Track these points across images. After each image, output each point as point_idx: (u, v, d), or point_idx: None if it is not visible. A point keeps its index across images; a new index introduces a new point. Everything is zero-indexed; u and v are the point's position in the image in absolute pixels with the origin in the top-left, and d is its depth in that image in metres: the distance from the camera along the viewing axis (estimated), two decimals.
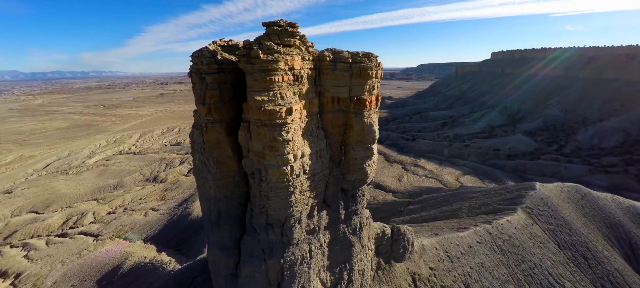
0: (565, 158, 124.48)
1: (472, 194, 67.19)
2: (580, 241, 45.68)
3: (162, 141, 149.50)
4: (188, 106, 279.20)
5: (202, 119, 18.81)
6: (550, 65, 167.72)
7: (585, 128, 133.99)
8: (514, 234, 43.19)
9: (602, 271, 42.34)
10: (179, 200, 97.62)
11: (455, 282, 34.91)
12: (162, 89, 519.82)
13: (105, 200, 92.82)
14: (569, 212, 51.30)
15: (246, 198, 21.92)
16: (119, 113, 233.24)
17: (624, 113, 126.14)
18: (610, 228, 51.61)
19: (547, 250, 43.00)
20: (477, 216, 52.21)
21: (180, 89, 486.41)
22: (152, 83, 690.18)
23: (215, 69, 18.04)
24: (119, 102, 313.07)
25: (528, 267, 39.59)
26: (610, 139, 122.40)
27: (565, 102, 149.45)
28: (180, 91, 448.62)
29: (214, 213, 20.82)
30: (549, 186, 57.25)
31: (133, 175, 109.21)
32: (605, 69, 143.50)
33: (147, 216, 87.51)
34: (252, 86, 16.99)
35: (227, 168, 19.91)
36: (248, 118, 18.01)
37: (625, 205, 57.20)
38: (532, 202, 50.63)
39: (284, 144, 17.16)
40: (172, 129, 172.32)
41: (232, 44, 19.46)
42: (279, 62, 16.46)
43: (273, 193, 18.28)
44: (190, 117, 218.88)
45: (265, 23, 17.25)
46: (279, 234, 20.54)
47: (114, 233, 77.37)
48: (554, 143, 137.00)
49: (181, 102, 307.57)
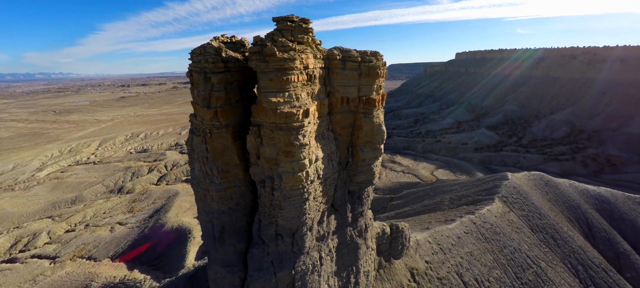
0: (524, 149, 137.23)
1: (451, 187, 70.86)
2: (549, 224, 50.21)
3: (126, 149, 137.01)
4: (154, 110, 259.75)
5: (205, 124, 16.88)
6: (507, 64, 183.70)
7: (538, 121, 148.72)
8: (494, 222, 46.16)
9: (568, 249, 46.94)
10: (149, 211, 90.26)
11: (449, 273, 36.34)
12: (123, 91, 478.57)
13: (61, 216, 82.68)
14: (537, 198, 56.21)
15: (252, 209, 20.35)
16: (73, 119, 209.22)
17: (570, 107, 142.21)
18: (570, 210, 57.47)
19: (523, 234, 46.61)
20: (459, 207, 55.05)
21: (144, 92, 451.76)
22: (111, 86, 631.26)
23: (221, 67, 16.31)
24: (73, 108, 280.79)
25: (509, 251, 42.54)
26: (559, 130, 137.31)
27: (521, 98, 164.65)
28: (144, 94, 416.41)
29: (218, 228, 18.93)
30: (518, 176, 62.25)
31: (94, 187, 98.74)
32: (553, 68, 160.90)
33: (113, 232, 79.70)
34: (266, 87, 15.61)
35: (232, 177, 18.22)
36: (259, 122, 16.57)
37: (580, 188, 64.12)
38: (507, 191, 54.62)
39: (301, 148, 16.08)
40: (137, 135, 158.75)
41: (236, 41, 17.82)
42: (295, 61, 15.34)
43: (287, 202, 17.09)
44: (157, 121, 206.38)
45: (276, 18, 15.96)
46: (289, 244, 19.39)
47: (75, 253, 69.24)
48: (513, 135, 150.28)
49: (146, 106, 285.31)
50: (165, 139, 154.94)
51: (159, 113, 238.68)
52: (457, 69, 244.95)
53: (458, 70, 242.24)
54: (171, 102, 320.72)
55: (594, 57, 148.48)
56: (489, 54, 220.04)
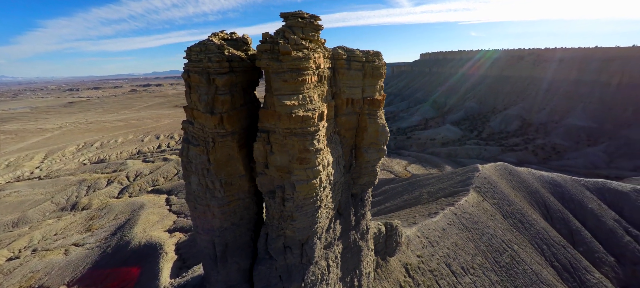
0: (484, 142, 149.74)
1: (427, 181, 74.39)
2: (516, 209, 55.00)
3: (79, 160, 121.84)
4: (110, 115, 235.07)
5: (207, 132, 14.99)
6: (470, 64, 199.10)
7: (494, 116, 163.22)
8: (472, 212, 49.29)
9: (534, 231, 51.85)
10: (111, 228, 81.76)
11: (439, 264, 37.88)
12: (72, 96, 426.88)
13: (1, 242, 71.09)
14: (504, 187, 61.30)
15: (256, 222, 18.80)
16: (10, 129, 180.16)
17: (520, 102, 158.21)
18: (531, 196, 63.59)
19: (497, 221, 50.46)
20: (438, 200, 57.92)
21: (96, 96, 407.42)
22: (56, 90, 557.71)
23: (226, 67, 14.62)
24: (10, 115, 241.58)
25: (487, 238, 45.72)
26: (513, 124, 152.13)
27: (479, 95, 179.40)
28: (97, 98, 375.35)
29: (220, 247, 17.05)
30: (487, 167, 67.35)
31: (41, 206, 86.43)
32: (505, 68, 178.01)
33: (68, 255, 70.79)
34: (280, 89, 14.30)
35: (237, 189, 16.53)
36: (268, 127, 15.19)
37: (536, 175, 71.31)
38: (479, 182, 58.72)
39: (316, 154, 15.08)
40: (91, 145, 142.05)
41: (237, 38, 16.17)
42: (310, 60, 14.32)
43: (299, 212, 15.97)
44: (115, 128, 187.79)
45: (285, 14, 14.70)
46: (298, 255, 18.29)
47: (22, 283, 60.14)
48: (474, 129, 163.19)
49: (100, 112, 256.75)
50: (125, 147, 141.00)
51: (117, 118, 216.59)
52: (422, 69, 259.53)
53: (423, 70, 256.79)
54: (130, 106, 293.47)
55: (538, 58, 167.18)
56: (449, 55, 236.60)
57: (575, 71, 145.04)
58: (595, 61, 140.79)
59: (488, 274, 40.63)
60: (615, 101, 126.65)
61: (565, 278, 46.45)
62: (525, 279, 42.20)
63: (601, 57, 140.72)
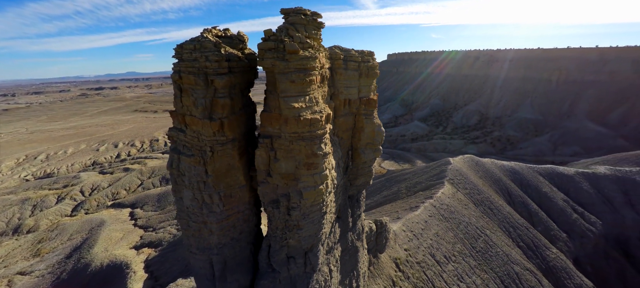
0: (449, 136, 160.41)
1: (404, 176, 77.46)
2: (485, 197, 59.54)
3: (19, 175, 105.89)
4: (57, 123, 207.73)
5: (204, 140, 13.44)
6: (436, 64, 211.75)
7: (456, 111, 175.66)
8: (449, 203, 52.28)
9: (501, 216, 56.59)
10: (65, 251, 72.98)
11: (425, 256, 39.48)
12: (6, 102, 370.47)
13: None
14: (473, 177, 66.05)
15: (255, 234, 17.54)
16: None
17: (478, 99, 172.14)
18: (496, 183, 69.33)
19: (470, 209, 54.13)
20: (417, 194, 60.53)
21: (38, 102, 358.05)
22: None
23: (226, 67, 13.26)
24: None
25: (464, 226, 48.80)
26: (472, 118, 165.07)
27: (443, 93, 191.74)
28: (38, 105, 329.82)
29: (218, 266, 15.47)
30: (457, 159, 72.02)
31: None
32: (463, 67, 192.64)
33: (12, 286, 61.70)
34: (287, 90, 13.31)
35: (237, 201, 15.12)
36: (271, 132, 14.15)
37: (498, 164, 77.98)
38: (452, 174, 62.52)
39: (323, 158, 14.41)
40: (34, 157, 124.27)
41: (231, 35, 14.80)
42: (316, 59, 13.61)
43: (306, 220, 15.16)
44: (63, 138, 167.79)
45: (286, 10, 13.74)
46: (302, 265, 17.49)
47: None
48: (439, 125, 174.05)
49: (44, 120, 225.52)
50: (77, 158, 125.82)
51: (65, 127, 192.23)
52: (389, 69, 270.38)
53: (391, 69, 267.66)
54: (81, 112, 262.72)
55: (491, 58, 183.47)
56: (414, 55, 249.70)
57: (523, 70, 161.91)
58: (539, 61, 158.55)
59: (467, 260, 43.34)
60: (556, 95, 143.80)
61: (530, 256, 51.36)
62: (498, 261, 45.78)
63: (544, 57, 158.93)
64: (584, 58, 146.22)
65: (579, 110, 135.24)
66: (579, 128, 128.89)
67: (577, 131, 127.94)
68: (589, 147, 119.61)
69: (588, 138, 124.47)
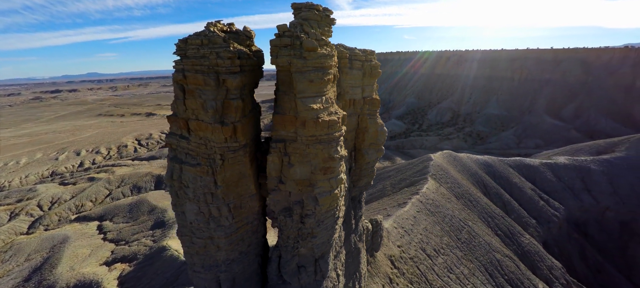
0: (425, 133, 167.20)
1: (388, 174, 79.17)
2: (465, 191, 62.65)
3: None
4: (6, 131, 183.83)
5: (212, 147, 12.10)
6: (412, 64, 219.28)
7: (431, 109, 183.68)
8: (434, 198, 54.22)
9: (480, 207, 59.90)
10: (23, 273, 65.54)
11: (417, 251, 40.46)
12: None
13: None
14: (453, 171, 69.24)
15: (263, 245, 16.42)
16: None
17: (449, 97, 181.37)
18: (473, 177, 73.31)
19: (453, 202, 56.62)
20: (402, 190, 62.08)
21: None
22: None
23: (238, 66, 12.05)
24: None
25: (449, 219, 50.88)
26: (446, 115, 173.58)
27: (417, 91, 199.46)
28: None
29: (227, 284, 14.05)
30: (437, 155, 75.04)
31: None
32: (436, 67, 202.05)
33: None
34: (305, 91, 12.40)
35: (247, 212, 13.88)
36: (284, 136, 13.20)
37: (473, 159, 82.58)
38: (434, 170, 64.98)
39: (340, 162, 13.79)
40: None
41: (236, 31, 13.52)
42: (333, 57, 12.88)
43: (320, 227, 14.39)
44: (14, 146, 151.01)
45: (297, 4, 12.78)
46: (312, 273, 16.74)
47: None
48: (415, 123, 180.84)
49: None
50: (32, 169, 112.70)
51: (16, 134, 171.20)
52: None
53: None
54: (34, 118, 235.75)
55: (460, 58, 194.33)
56: (389, 55, 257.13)
57: (489, 69, 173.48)
58: (503, 61, 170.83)
59: (454, 251, 45.18)
60: (519, 92, 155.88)
61: (507, 243, 54.87)
62: (481, 250, 48.28)
63: (507, 57, 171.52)
64: (541, 58, 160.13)
65: (538, 106, 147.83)
66: (539, 122, 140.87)
67: (538, 125, 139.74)
68: (548, 139, 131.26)
69: (547, 130, 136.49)
